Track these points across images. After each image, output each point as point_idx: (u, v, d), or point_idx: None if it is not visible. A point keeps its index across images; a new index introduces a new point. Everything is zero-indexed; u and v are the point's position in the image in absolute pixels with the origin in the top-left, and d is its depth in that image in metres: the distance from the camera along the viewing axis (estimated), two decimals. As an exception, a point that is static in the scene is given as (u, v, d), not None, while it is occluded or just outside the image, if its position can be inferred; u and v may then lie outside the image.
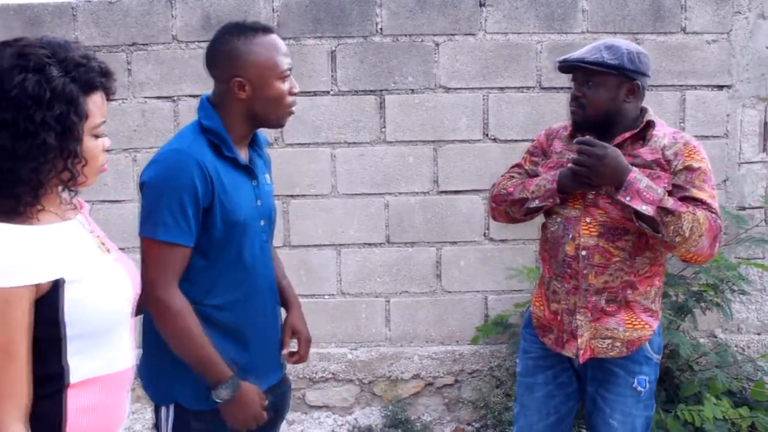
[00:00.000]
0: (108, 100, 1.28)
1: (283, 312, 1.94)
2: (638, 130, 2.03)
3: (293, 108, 1.75)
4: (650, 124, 2.04)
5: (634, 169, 1.92)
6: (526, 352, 2.25)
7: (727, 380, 3.10)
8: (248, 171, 1.74)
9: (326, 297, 3.54)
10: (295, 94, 1.74)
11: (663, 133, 2.04)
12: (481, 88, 3.45)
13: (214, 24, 3.28)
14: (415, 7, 3.40)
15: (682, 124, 3.46)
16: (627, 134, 2.02)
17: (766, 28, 3.43)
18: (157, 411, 1.72)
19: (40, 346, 1.18)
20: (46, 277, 1.16)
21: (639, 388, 2.07)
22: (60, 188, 1.27)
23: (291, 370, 3.52)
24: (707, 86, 3.46)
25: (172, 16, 3.40)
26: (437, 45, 3.43)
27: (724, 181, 3.49)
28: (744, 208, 3.50)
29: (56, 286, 1.17)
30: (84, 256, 1.25)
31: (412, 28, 3.41)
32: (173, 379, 1.67)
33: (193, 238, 1.61)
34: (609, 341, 2.04)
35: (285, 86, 1.70)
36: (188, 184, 1.58)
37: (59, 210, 1.28)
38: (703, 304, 3.20)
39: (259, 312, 1.77)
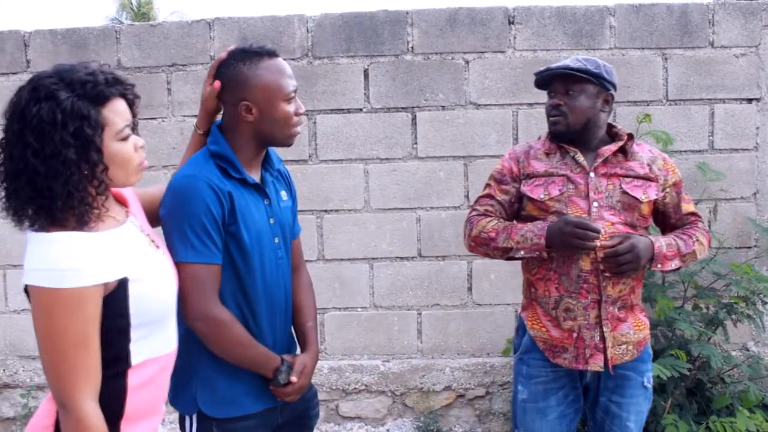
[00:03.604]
0: (131, 103, 1.41)
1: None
2: (623, 143, 2.09)
3: (299, 128, 1.81)
4: (631, 137, 2.11)
5: (652, 237, 2.05)
6: (531, 377, 2.17)
7: (760, 393, 3.10)
8: (259, 189, 1.79)
9: (359, 310, 3.61)
10: (300, 115, 1.78)
11: (637, 148, 2.13)
12: (510, 105, 3.51)
13: (251, 45, 3.38)
14: (446, 25, 3.48)
15: (711, 138, 3.49)
16: (613, 147, 2.09)
17: (795, 42, 3.46)
18: (182, 422, 1.79)
19: (109, 335, 1.36)
20: (112, 277, 1.34)
21: (647, 384, 2.13)
22: (101, 196, 1.40)
23: (324, 381, 3.60)
24: (736, 100, 3.49)
25: (210, 38, 3.52)
26: (467, 62, 3.50)
27: (755, 193, 3.50)
28: (775, 221, 3.51)
29: (122, 284, 1.36)
30: (141, 256, 1.43)
31: (442, 47, 3.49)
32: (196, 389, 1.74)
33: (220, 255, 1.68)
34: (624, 346, 2.08)
35: (291, 108, 1.74)
36: (204, 207, 1.65)
37: (117, 214, 1.45)
38: (734, 317, 3.20)
39: (272, 328, 1.82)
